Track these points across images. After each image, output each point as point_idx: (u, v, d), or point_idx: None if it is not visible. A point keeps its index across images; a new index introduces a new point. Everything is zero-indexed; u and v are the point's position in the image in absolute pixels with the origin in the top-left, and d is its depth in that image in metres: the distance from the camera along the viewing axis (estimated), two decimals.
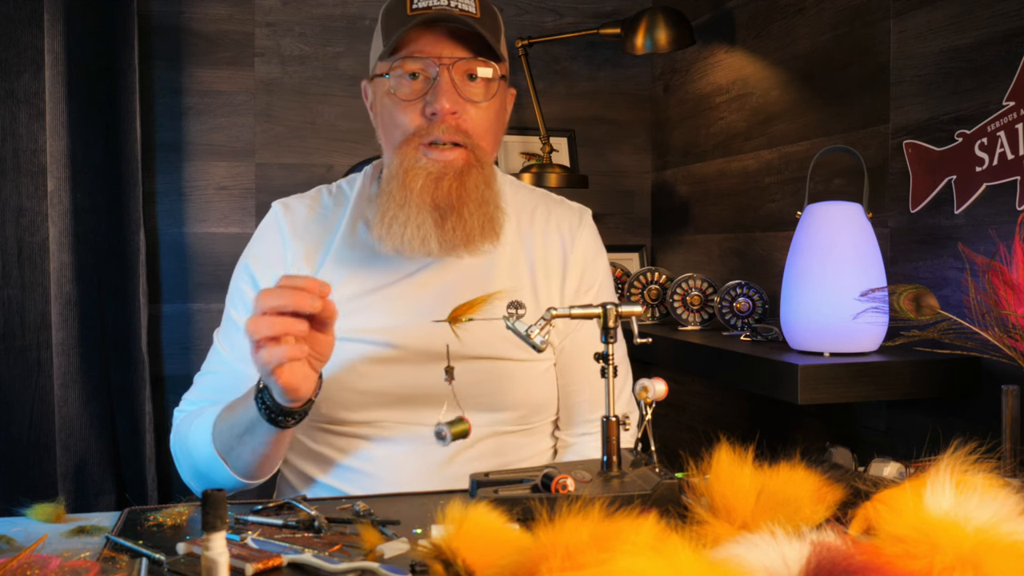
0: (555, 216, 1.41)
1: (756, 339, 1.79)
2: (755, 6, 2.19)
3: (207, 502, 0.69)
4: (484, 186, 1.25)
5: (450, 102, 1.22)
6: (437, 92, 1.22)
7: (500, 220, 1.28)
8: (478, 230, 1.24)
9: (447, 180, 1.23)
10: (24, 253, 2.10)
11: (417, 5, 1.23)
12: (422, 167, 1.23)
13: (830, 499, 0.91)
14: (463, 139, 1.24)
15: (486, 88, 1.25)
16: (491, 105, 1.26)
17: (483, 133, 1.26)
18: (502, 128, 1.33)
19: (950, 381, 1.52)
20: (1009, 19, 1.47)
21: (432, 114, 1.23)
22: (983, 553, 0.68)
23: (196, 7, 2.40)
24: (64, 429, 2.13)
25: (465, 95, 1.24)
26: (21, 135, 2.09)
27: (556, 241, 1.39)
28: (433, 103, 1.22)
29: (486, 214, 1.25)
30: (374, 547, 0.87)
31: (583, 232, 1.41)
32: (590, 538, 0.66)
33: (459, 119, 1.23)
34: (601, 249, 1.44)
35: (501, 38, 1.29)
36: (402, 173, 1.24)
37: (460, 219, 1.23)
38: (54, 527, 0.98)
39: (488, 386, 1.31)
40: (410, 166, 1.23)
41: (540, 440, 1.39)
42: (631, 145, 2.73)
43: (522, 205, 1.40)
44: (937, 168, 1.60)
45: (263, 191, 2.44)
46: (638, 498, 0.98)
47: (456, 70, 1.23)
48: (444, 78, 1.22)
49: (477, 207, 1.24)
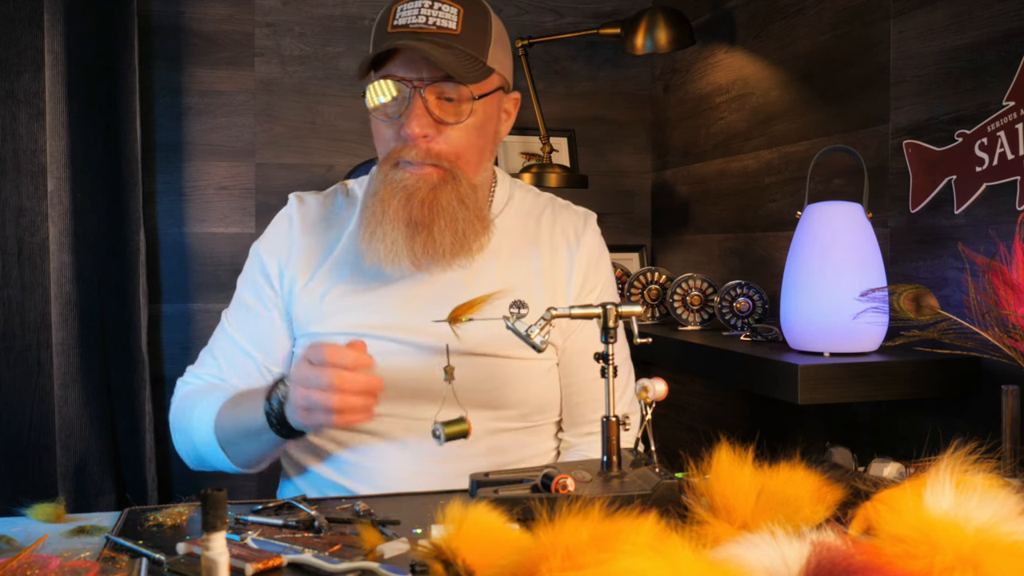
0: (561, 220, 1.42)
1: (756, 339, 1.79)
2: (755, 6, 2.19)
3: (207, 502, 0.69)
4: (457, 203, 1.26)
5: (420, 127, 1.23)
6: (408, 116, 1.23)
7: (476, 235, 1.28)
8: (448, 247, 1.26)
9: (420, 194, 1.24)
10: (24, 253, 2.10)
11: (397, 22, 1.23)
12: (398, 180, 1.25)
13: (830, 499, 0.91)
14: (435, 161, 1.25)
15: (461, 108, 1.25)
16: (468, 124, 1.26)
17: (460, 152, 1.26)
18: (488, 139, 1.32)
19: (950, 381, 1.52)
20: (1009, 19, 1.47)
21: (404, 136, 1.24)
22: (983, 553, 0.68)
23: (196, 7, 2.40)
24: (64, 429, 2.13)
25: (439, 117, 1.24)
26: (21, 135, 2.09)
27: (562, 244, 1.40)
28: (404, 127, 1.23)
29: (457, 231, 1.26)
30: (374, 547, 0.87)
31: (588, 235, 1.42)
32: (590, 538, 0.66)
33: (431, 142, 1.24)
34: (605, 252, 1.46)
35: (489, 48, 1.27)
36: (381, 189, 1.26)
37: (430, 236, 1.25)
38: (54, 527, 0.98)
39: (489, 383, 1.31)
40: (389, 182, 1.26)
41: (543, 440, 1.39)
42: (631, 145, 2.73)
43: (529, 209, 1.42)
44: (937, 168, 1.60)
45: (263, 191, 2.44)
46: (638, 498, 0.98)
47: (430, 92, 1.23)
48: (416, 102, 1.23)
49: (448, 224, 1.25)
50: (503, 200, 1.41)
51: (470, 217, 1.27)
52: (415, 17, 1.22)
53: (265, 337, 1.36)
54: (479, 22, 1.26)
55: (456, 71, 1.20)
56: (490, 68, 1.26)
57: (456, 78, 1.21)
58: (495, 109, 1.32)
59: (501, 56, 1.30)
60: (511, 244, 1.37)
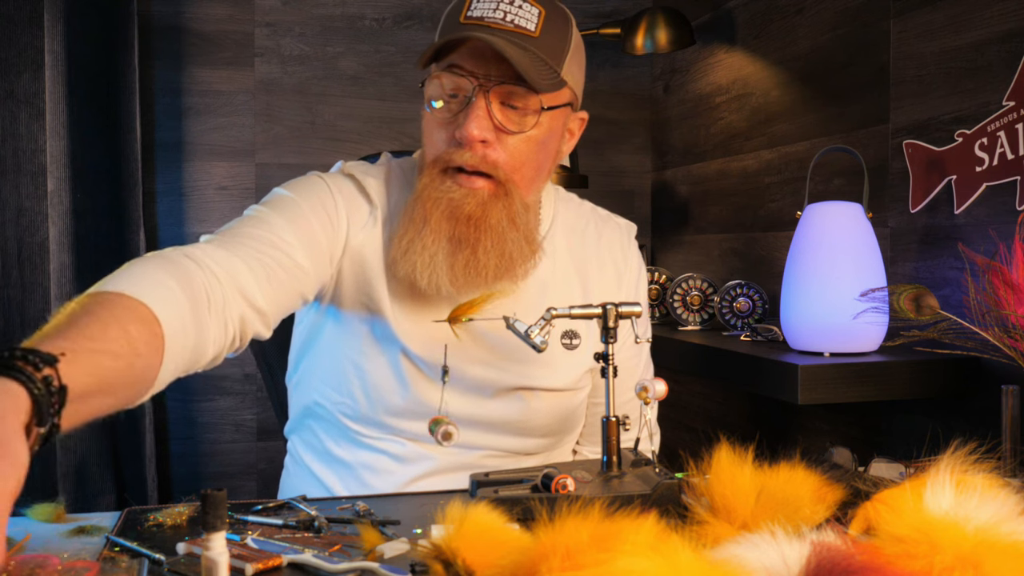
0: (606, 236, 1.35)
1: (756, 339, 1.79)
2: (755, 6, 2.19)
3: (207, 502, 0.69)
4: (508, 222, 1.15)
5: (479, 129, 1.12)
6: (468, 116, 1.12)
7: (523, 259, 1.18)
8: (492, 269, 1.15)
9: (467, 208, 1.14)
10: (24, 253, 2.10)
11: (471, 13, 1.13)
12: (445, 190, 1.15)
13: (830, 499, 0.91)
14: (490, 170, 1.14)
15: (527, 117, 1.14)
16: (532, 135, 1.15)
17: (517, 166, 1.15)
18: (549, 158, 1.20)
19: (950, 381, 1.52)
20: (1009, 19, 1.47)
21: (461, 138, 1.13)
22: (983, 553, 0.68)
23: (196, 7, 2.40)
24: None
25: (500, 122, 1.13)
26: (21, 135, 2.09)
27: (608, 263, 1.34)
28: (462, 127, 1.12)
29: (504, 253, 1.15)
30: (374, 547, 0.87)
31: (632, 252, 1.37)
32: (590, 538, 0.66)
33: (488, 148, 1.13)
34: (643, 264, 1.40)
35: (565, 60, 1.16)
36: (425, 196, 1.16)
37: (474, 255, 1.14)
38: (54, 527, 0.98)
39: (522, 415, 1.27)
40: (434, 189, 1.15)
41: (560, 456, 1.38)
42: (631, 145, 2.73)
43: (573, 225, 1.33)
44: (937, 168, 1.60)
45: (263, 191, 2.44)
46: (638, 498, 0.98)
47: (495, 94, 1.13)
48: (478, 102, 1.12)
49: (495, 243, 1.15)
50: (548, 219, 1.30)
51: (519, 239, 1.17)
52: (492, 11, 1.12)
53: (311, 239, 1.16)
54: (560, 28, 1.16)
55: (530, 74, 1.10)
56: (563, 80, 1.16)
57: (529, 81, 1.10)
58: (560, 125, 1.20)
59: (576, 70, 1.20)
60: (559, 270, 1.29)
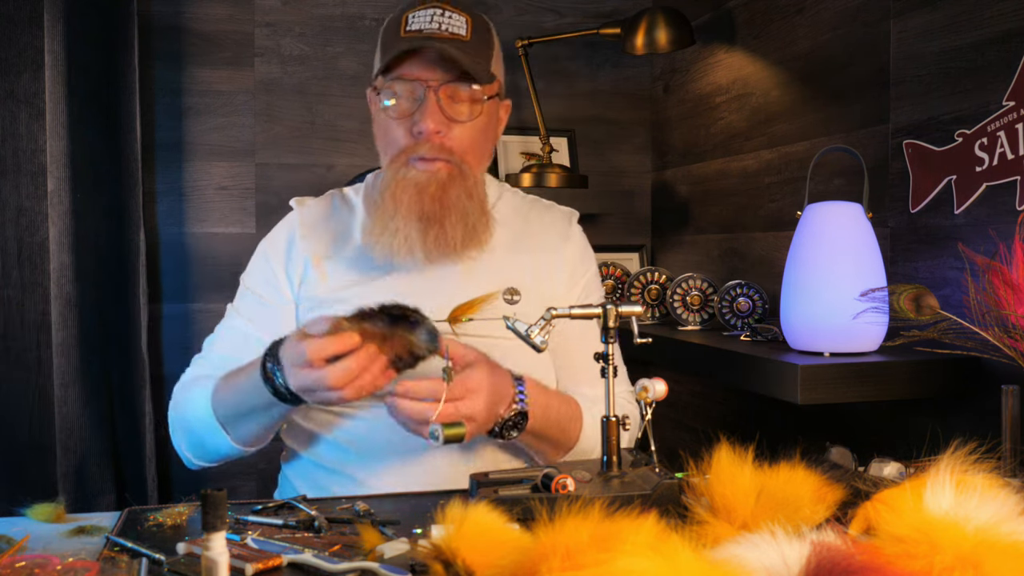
0: (547, 218, 1.50)
1: (756, 339, 1.79)
2: (755, 6, 2.19)
3: (207, 502, 0.70)
4: (466, 197, 1.33)
5: (434, 123, 1.31)
6: (423, 113, 1.31)
7: (483, 228, 1.36)
8: (459, 240, 1.33)
9: (431, 189, 1.31)
10: (24, 253, 2.10)
11: (410, 28, 1.32)
12: (411, 178, 1.31)
13: (830, 499, 0.91)
14: (447, 156, 1.32)
15: (471, 108, 1.34)
16: (476, 123, 1.35)
17: (468, 149, 1.35)
18: (490, 141, 1.41)
19: (950, 381, 1.52)
20: (1009, 19, 1.47)
21: (418, 133, 1.32)
22: (983, 553, 0.68)
23: (196, 7, 2.39)
24: (64, 429, 2.13)
25: (450, 115, 1.32)
26: (21, 135, 2.09)
27: (550, 239, 1.47)
28: (419, 123, 1.31)
29: (467, 224, 1.33)
30: (374, 547, 0.87)
31: (574, 231, 1.51)
32: (590, 538, 0.66)
33: (443, 138, 1.32)
34: (589, 248, 1.53)
35: (492, 57, 1.37)
36: (393, 185, 1.32)
37: (442, 230, 1.31)
38: (54, 527, 0.98)
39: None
40: (400, 179, 1.32)
41: None
42: (631, 145, 2.72)
43: (517, 207, 1.50)
44: (937, 168, 1.60)
45: (263, 191, 2.44)
46: (638, 498, 0.98)
47: (442, 92, 1.31)
48: (430, 100, 1.31)
49: (459, 218, 1.32)
50: (494, 198, 1.47)
51: (476, 209, 1.35)
52: (428, 23, 1.31)
53: (275, 324, 1.38)
54: (484, 32, 1.37)
55: (473, 71, 1.30)
56: (494, 74, 1.36)
57: (474, 76, 1.31)
58: (495, 112, 1.41)
59: (499, 65, 1.41)
60: (505, 239, 1.43)
